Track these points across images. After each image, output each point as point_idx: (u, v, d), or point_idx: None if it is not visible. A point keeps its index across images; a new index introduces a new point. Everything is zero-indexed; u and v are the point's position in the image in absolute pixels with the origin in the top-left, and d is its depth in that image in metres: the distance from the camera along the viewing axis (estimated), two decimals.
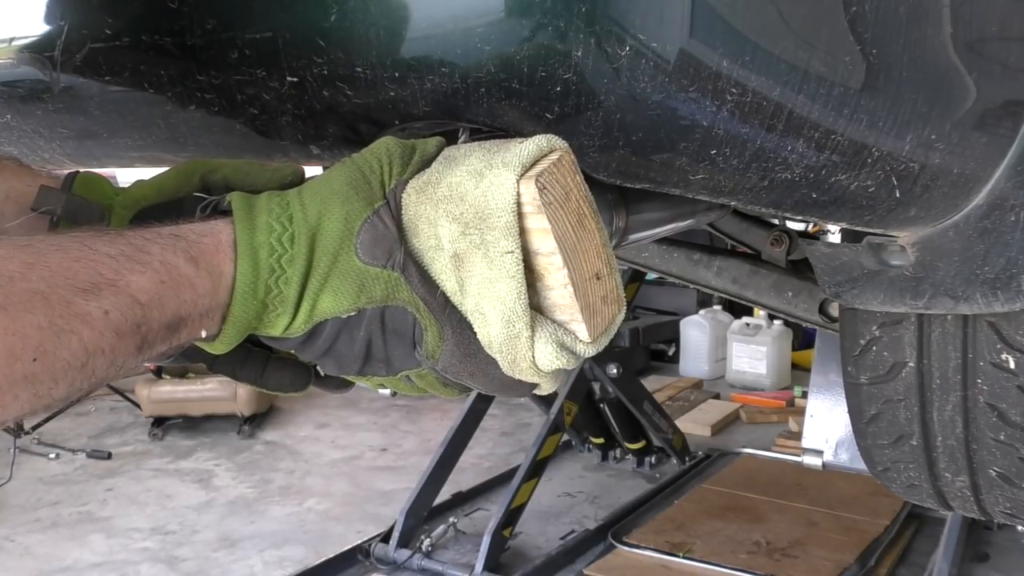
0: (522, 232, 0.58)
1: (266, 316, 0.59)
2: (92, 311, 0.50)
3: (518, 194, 0.57)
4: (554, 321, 0.61)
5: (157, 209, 0.71)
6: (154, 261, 0.53)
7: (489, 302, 0.59)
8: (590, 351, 0.62)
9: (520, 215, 0.58)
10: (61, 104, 0.77)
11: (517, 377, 0.63)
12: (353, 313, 0.60)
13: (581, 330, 0.61)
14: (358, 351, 0.62)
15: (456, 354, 0.62)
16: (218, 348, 0.60)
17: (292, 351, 0.64)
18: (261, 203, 0.60)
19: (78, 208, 0.68)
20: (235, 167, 0.73)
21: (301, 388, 0.71)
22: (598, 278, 0.62)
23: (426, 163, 0.63)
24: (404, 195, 0.61)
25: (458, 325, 0.62)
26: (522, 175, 0.58)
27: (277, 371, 0.70)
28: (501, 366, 0.62)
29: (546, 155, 0.59)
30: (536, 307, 0.60)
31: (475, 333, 0.62)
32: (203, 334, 0.58)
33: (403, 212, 0.61)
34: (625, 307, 0.66)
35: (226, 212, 0.61)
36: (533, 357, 0.60)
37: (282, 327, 0.60)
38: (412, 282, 0.60)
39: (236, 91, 0.70)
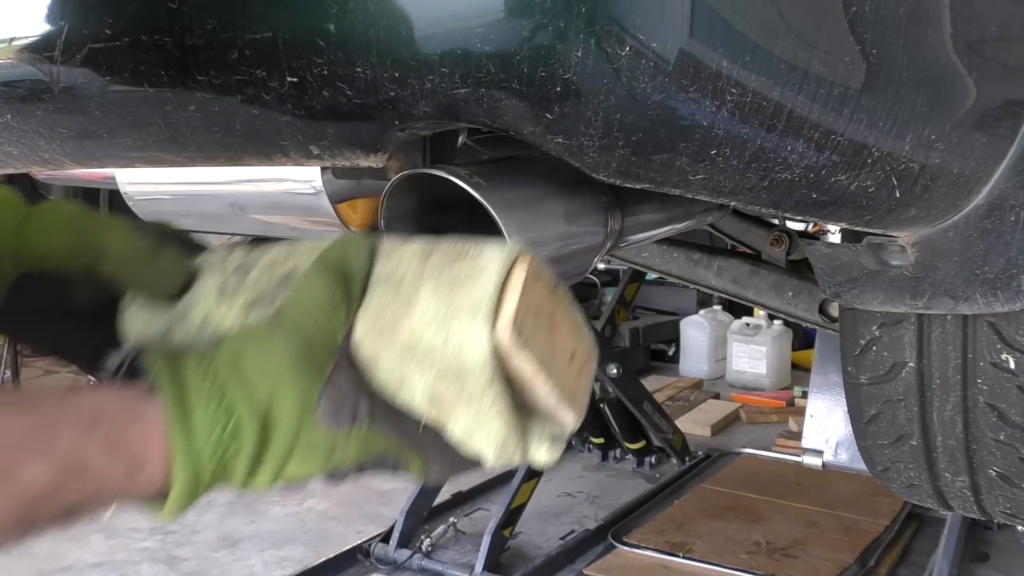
0: (502, 369, 0.54)
1: (216, 489, 0.54)
2: None
3: (495, 344, 0.53)
4: (540, 414, 0.59)
5: (41, 281, 0.65)
6: (59, 449, 0.47)
7: (479, 437, 0.56)
8: (576, 426, 0.60)
9: (499, 356, 0.54)
10: (61, 104, 0.77)
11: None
12: (327, 472, 0.55)
13: (567, 416, 0.59)
14: (338, 481, 0.58)
15: (445, 469, 0.58)
16: (157, 520, 0.55)
17: None
18: (192, 384, 0.52)
19: None
20: (122, 262, 0.66)
21: None
22: (572, 358, 0.59)
23: (363, 286, 0.57)
24: (356, 339, 0.55)
25: (442, 448, 0.57)
26: (494, 324, 0.53)
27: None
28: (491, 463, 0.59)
29: (508, 277, 0.54)
30: (519, 405, 0.57)
31: (462, 450, 0.58)
32: (107, 516, 0.54)
33: (357, 351, 0.55)
34: (596, 358, 0.63)
35: (141, 373, 0.53)
36: (527, 457, 0.58)
37: (238, 488, 0.55)
38: (385, 427, 0.55)
39: (236, 91, 0.70)
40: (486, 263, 0.54)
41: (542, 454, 0.58)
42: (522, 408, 0.57)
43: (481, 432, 0.55)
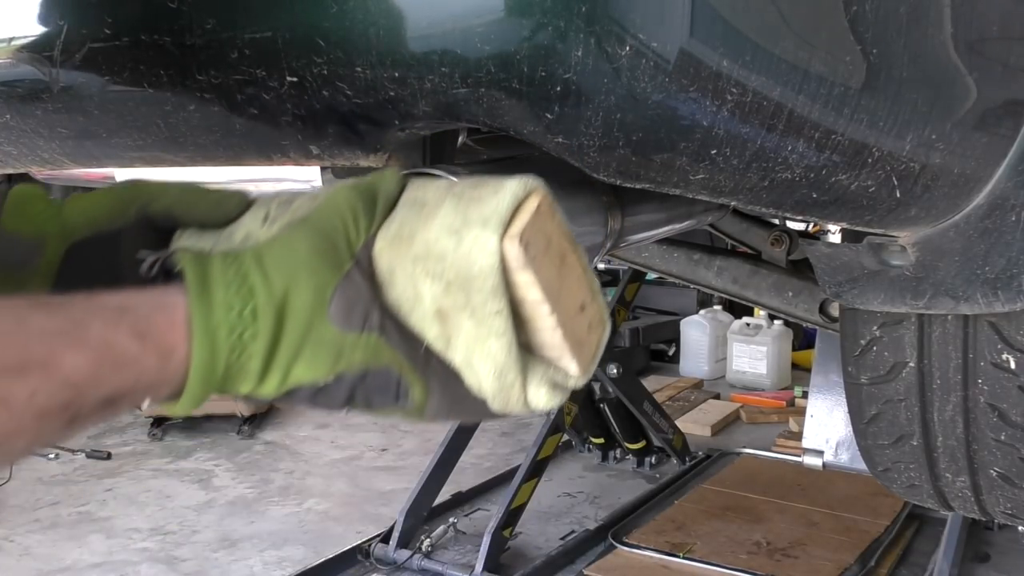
0: (508, 285, 0.56)
1: (230, 384, 0.56)
2: (16, 393, 0.46)
3: (502, 254, 0.56)
4: (544, 358, 0.60)
5: (91, 243, 0.66)
6: (93, 339, 0.50)
7: (479, 357, 0.57)
8: (581, 382, 0.61)
9: (505, 270, 0.56)
10: (61, 104, 0.77)
11: (509, 413, 0.62)
12: (332, 379, 0.57)
13: (571, 366, 0.60)
14: (338, 404, 0.59)
15: (444, 403, 0.60)
16: (177, 411, 0.57)
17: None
18: (216, 273, 0.55)
19: (8, 247, 0.64)
20: (177, 197, 0.68)
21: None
22: (582, 309, 0.61)
23: (390, 205, 0.60)
24: (376, 250, 0.58)
25: (444, 376, 0.59)
26: (503, 234, 0.56)
27: None
28: (491, 407, 0.61)
29: (523, 202, 0.57)
30: (524, 345, 0.59)
31: (463, 382, 0.59)
32: (145, 405, 0.55)
33: (375, 265, 0.58)
34: (610, 327, 0.65)
35: (173, 272, 0.56)
36: (526, 399, 0.59)
37: (248, 390, 0.56)
38: (393, 341, 0.57)
39: (236, 91, 0.70)
40: (504, 187, 0.57)
41: (541, 396, 0.59)
42: (526, 349, 0.59)
43: (481, 352, 0.57)
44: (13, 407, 0.46)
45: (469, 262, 0.56)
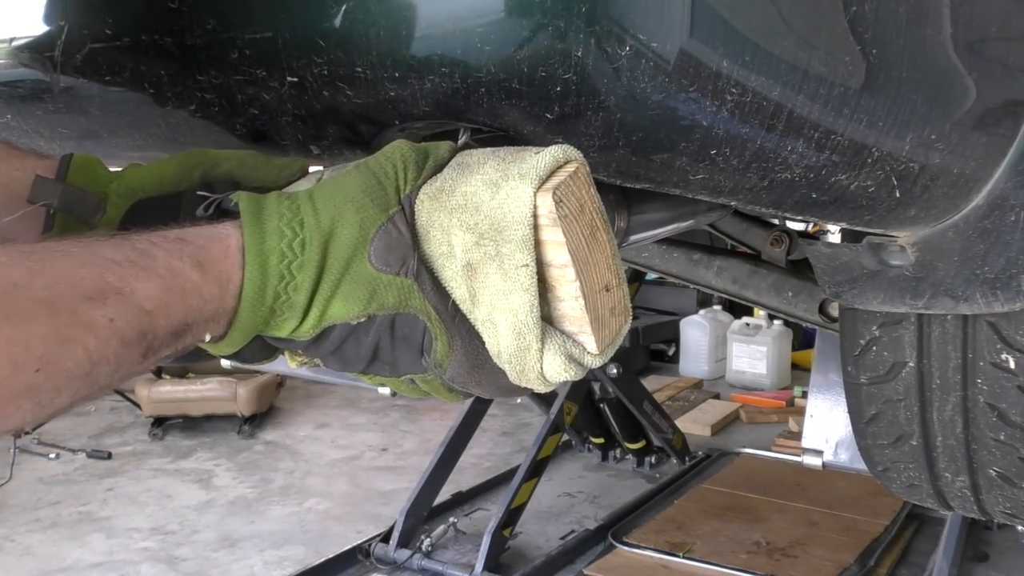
0: (536, 244, 0.58)
1: (274, 320, 0.58)
2: (97, 320, 0.48)
3: (535, 207, 0.57)
4: (563, 332, 0.61)
5: (155, 202, 0.69)
6: (159, 267, 0.52)
7: (501, 313, 0.59)
8: (597, 362, 0.62)
9: (535, 227, 0.57)
10: (61, 104, 0.77)
11: (523, 386, 0.63)
12: (363, 319, 0.59)
13: (589, 342, 0.61)
14: (364, 354, 0.61)
15: (464, 364, 0.61)
16: (222, 350, 0.59)
17: (297, 351, 0.64)
18: (270, 206, 0.58)
19: (74, 200, 0.67)
20: (240, 160, 0.71)
21: (270, 357, 0.69)
22: (607, 290, 0.62)
23: (439, 168, 0.62)
24: (417, 201, 0.61)
25: (468, 335, 0.61)
26: (539, 188, 0.57)
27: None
28: (508, 375, 0.62)
29: (561, 166, 0.59)
30: (546, 317, 0.60)
31: (484, 344, 0.61)
32: (207, 338, 0.57)
33: (416, 218, 0.61)
34: (631, 317, 0.66)
35: (230, 212, 0.59)
36: (542, 368, 0.60)
37: (289, 330, 0.59)
38: (425, 290, 0.59)
39: (236, 91, 0.70)
40: (547, 149, 0.59)
41: (556, 366, 0.60)
42: (548, 321, 0.60)
43: (504, 307, 0.58)
44: (98, 333, 0.48)
45: (503, 212, 0.57)
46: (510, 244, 0.57)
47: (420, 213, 0.60)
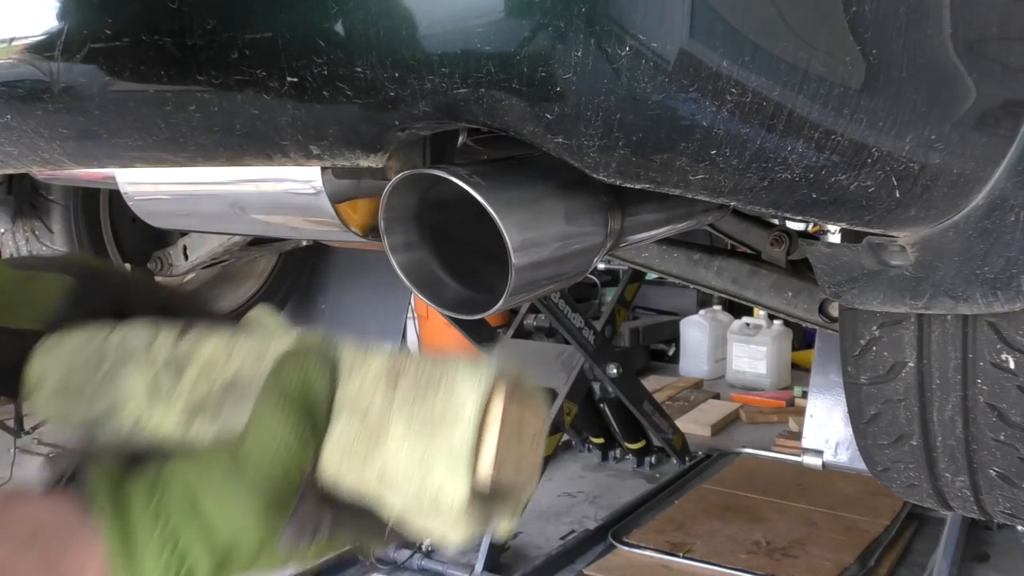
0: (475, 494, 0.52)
1: None
2: None
3: (473, 486, 0.51)
4: (502, 496, 0.56)
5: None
6: None
7: (446, 539, 0.54)
8: (531, 494, 0.57)
9: (475, 492, 0.51)
10: (61, 104, 0.77)
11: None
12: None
13: (526, 491, 0.56)
14: None
15: (401, 544, 0.58)
16: None
17: None
18: (141, 528, 0.49)
19: None
20: None
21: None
22: (532, 440, 0.56)
23: (328, 412, 0.53)
24: (321, 466, 0.52)
25: (403, 536, 0.54)
26: (474, 471, 0.50)
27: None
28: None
29: (485, 413, 0.51)
30: (483, 497, 0.55)
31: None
32: None
33: (323, 475, 0.52)
34: (549, 425, 0.62)
35: (81, 482, 0.51)
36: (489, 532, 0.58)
37: None
38: (348, 532, 0.53)
39: (236, 91, 0.70)
40: (462, 401, 0.51)
41: (503, 526, 0.55)
42: (485, 498, 0.54)
43: (449, 536, 0.53)
44: None
45: (438, 498, 0.51)
46: (450, 513, 0.51)
47: (327, 472, 0.52)
